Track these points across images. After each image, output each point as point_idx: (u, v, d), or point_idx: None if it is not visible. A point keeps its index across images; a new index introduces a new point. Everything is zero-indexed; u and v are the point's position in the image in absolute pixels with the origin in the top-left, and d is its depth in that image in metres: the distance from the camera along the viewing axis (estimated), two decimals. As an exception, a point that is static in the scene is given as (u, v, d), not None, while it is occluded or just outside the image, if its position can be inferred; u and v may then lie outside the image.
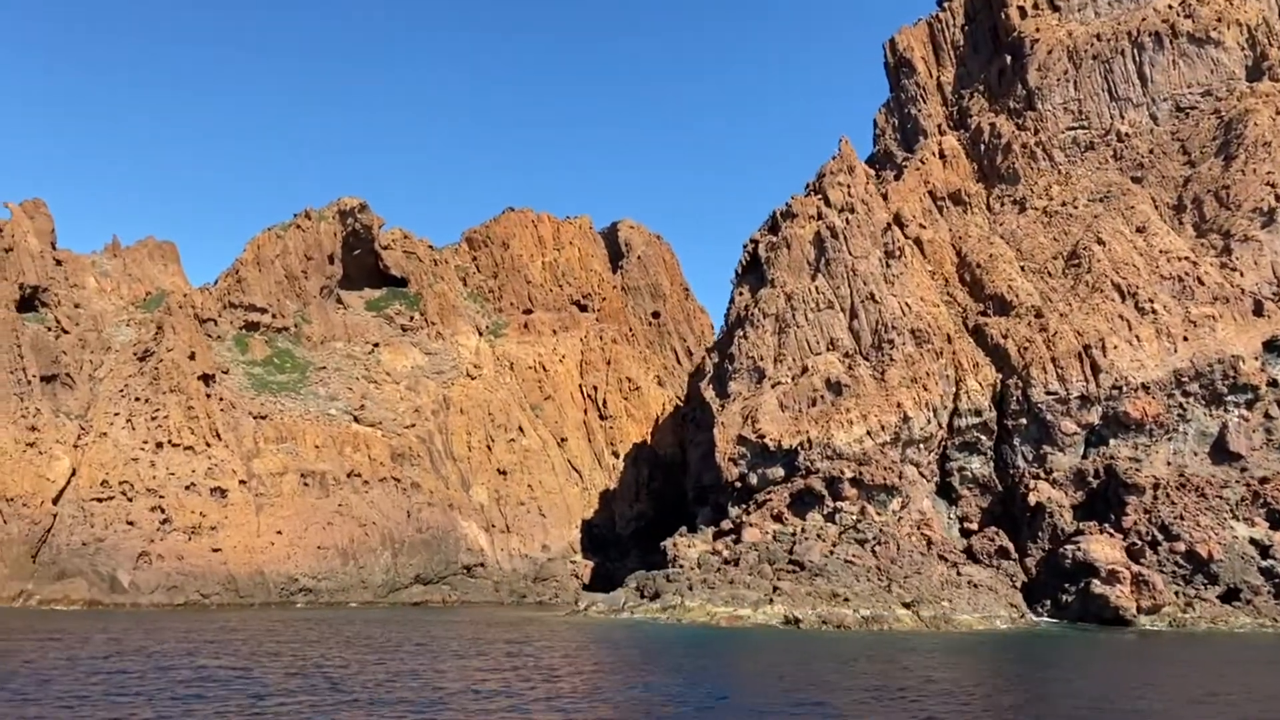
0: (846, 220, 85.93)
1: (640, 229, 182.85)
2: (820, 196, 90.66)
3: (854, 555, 60.38)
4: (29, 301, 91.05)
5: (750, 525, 70.43)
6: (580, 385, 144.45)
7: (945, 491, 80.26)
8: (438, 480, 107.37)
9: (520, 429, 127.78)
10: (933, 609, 54.45)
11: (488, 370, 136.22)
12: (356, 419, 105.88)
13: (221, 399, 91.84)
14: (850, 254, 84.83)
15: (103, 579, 70.86)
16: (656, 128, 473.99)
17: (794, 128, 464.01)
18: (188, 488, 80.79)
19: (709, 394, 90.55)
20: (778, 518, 70.95)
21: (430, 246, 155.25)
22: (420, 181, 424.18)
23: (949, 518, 78.16)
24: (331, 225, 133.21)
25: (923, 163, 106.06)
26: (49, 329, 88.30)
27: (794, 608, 54.40)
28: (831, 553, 61.75)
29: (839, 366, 79.33)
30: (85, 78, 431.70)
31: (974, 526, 78.06)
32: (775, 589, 57.80)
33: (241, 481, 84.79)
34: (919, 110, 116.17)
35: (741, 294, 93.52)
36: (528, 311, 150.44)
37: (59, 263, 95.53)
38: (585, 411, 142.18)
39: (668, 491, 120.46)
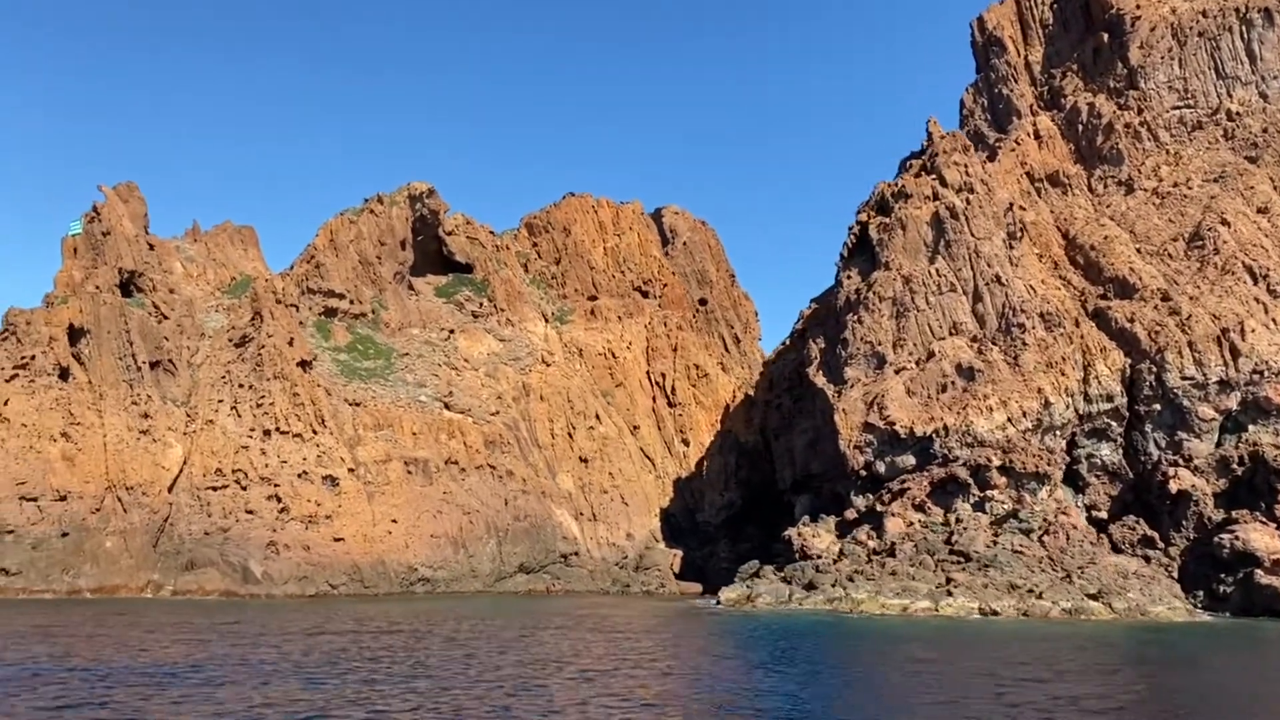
0: (966, 200, 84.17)
1: (685, 215, 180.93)
2: (935, 176, 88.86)
3: (1021, 545, 58.92)
4: (125, 287, 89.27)
5: (892, 515, 69.02)
6: (648, 372, 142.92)
7: (1070, 479, 78.82)
8: (527, 468, 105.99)
9: (597, 417, 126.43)
10: (1123, 600, 53.04)
11: (559, 357, 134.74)
12: (447, 406, 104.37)
13: (318, 385, 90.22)
14: (972, 235, 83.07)
15: (234, 569, 69.40)
16: (684, 113, 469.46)
17: (826, 113, 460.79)
18: (300, 475, 79.27)
19: (819, 380, 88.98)
20: (919, 507, 69.49)
21: (491, 232, 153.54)
22: (459, 167, 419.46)
23: (1076, 505, 76.72)
24: (403, 210, 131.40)
25: (1018, 144, 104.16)
26: (149, 315, 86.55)
27: (977, 600, 52.95)
28: (994, 542, 60.26)
29: (968, 351, 77.71)
30: (139, 58, 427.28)
31: (1103, 515, 76.62)
32: (948, 580, 56.29)
33: (350, 469, 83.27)
34: (1011, 90, 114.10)
35: (850, 277, 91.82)
36: (592, 298, 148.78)
37: (151, 247, 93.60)
38: (654, 399, 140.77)
39: (753, 479, 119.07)
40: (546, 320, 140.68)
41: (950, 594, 54.85)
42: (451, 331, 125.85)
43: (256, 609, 57.93)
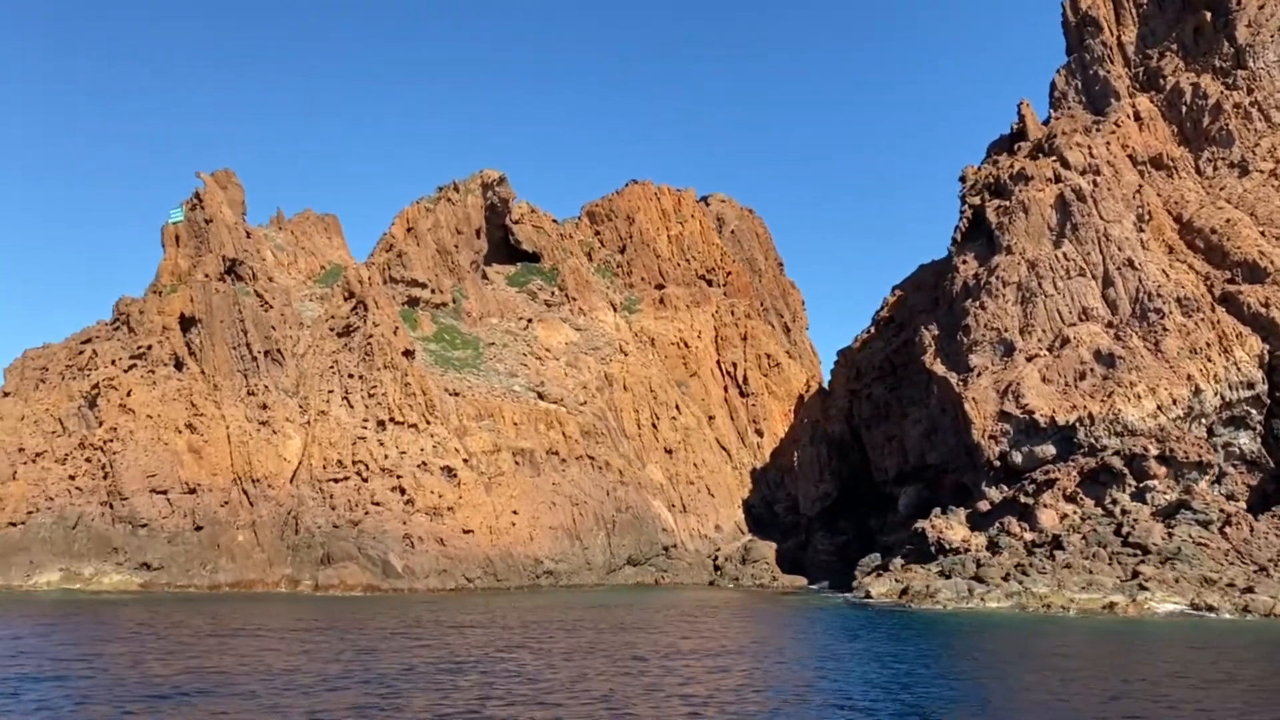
0: (1093, 183, 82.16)
1: (732, 203, 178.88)
2: (1055, 158, 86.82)
3: (1201, 537, 57.22)
4: (227, 276, 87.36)
5: (1044, 506, 67.38)
6: (718, 362, 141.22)
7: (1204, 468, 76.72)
8: (620, 459, 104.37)
9: (676, 407, 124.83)
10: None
11: (632, 347, 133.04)
12: (540, 396, 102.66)
13: (425, 376, 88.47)
14: (1101, 218, 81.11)
15: (374, 563, 67.78)
16: (714, 100, 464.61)
17: (863, 99, 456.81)
18: (420, 466, 77.57)
19: (938, 368, 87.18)
20: (1071, 498, 67.75)
21: (554, 221, 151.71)
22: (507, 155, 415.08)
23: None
24: (477, 199, 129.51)
25: (1118, 126, 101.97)
26: (256, 304, 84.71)
27: (1178, 595, 51.27)
28: (1170, 535, 58.55)
29: (1105, 337, 75.89)
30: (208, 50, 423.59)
31: (1241, 506, 74.74)
32: (1133, 574, 54.63)
33: (464, 460, 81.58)
34: (1107, 71, 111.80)
35: (965, 261, 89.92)
36: (659, 286, 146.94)
37: (246, 235, 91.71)
38: (725, 389, 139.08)
39: (842, 470, 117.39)
40: (615, 309, 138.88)
41: (1144, 588, 53.16)
42: (530, 321, 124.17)
43: (418, 604, 56.34)
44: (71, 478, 68.89)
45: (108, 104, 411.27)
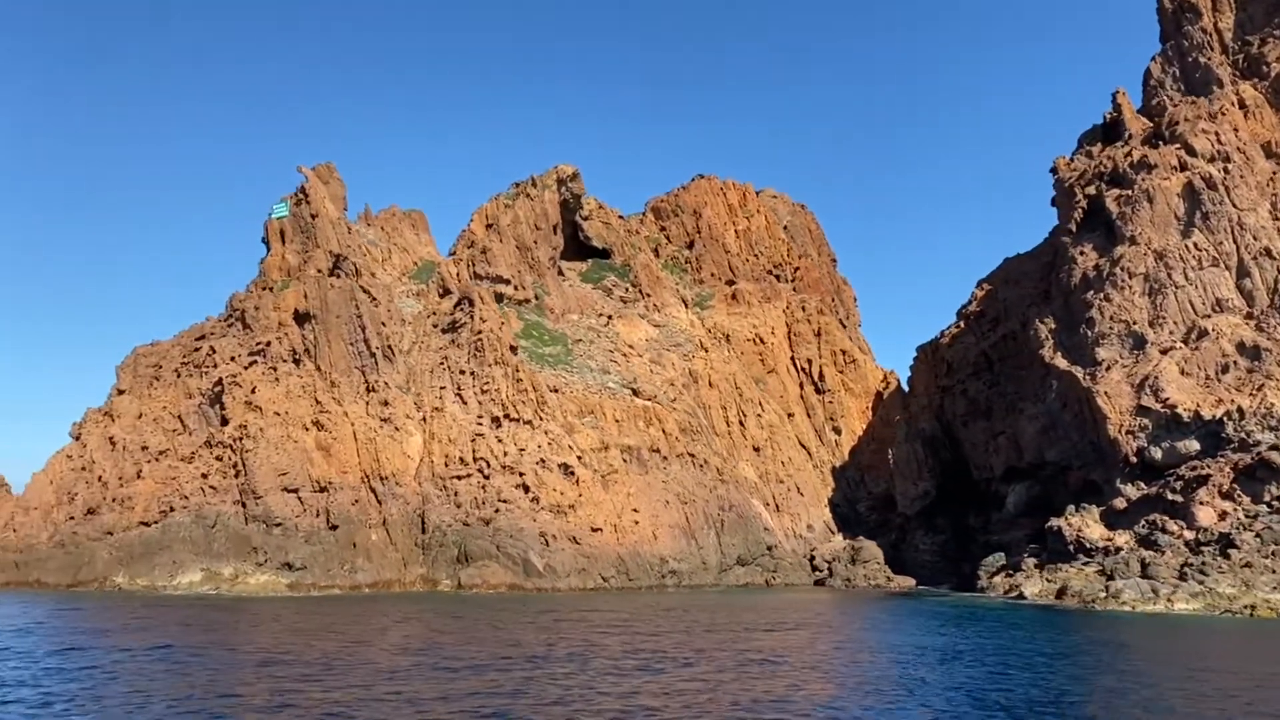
0: (1224, 170, 79.89)
1: (784, 198, 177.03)
2: (1179, 146, 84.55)
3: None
4: (332, 272, 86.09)
5: (1201, 504, 65.21)
6: (792, 358, 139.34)
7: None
8: (714, 456, 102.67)
9: (760, 404, 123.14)
10: None
11: (710, 343, 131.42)
12: (635, 393, 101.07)
13: (531, 372, 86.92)
14: (1234, 206, 78.84)
15: (514, 562, 66.25)
16: (752, 90, 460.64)
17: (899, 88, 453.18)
18: (539, 463, 76.05)
19: (1059, 362, 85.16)
20: (1228, 495, 65.62)
21: (620, 217, 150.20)
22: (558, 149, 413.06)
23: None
24: (554, 194, 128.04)
25: (1222, 114, 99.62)
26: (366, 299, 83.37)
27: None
28: (1350, 531, 56.44)
29: (1247, 329, 73.66)
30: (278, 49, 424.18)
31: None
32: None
33: (577, 457, 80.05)
34: (1208, 58, 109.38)
35: (1084, 252, 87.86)
36: (730, 282, 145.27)
37: (349, 230, 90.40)
38: (801, 386, 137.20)
39: (936, 467, 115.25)
40: (687, 305, 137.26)
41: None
42: (610, 317, 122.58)
43: (580, 603, 54.82)
44: (204, 476, 67.65)
45: (153, 103, 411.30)
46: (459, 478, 73.26)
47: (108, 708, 21.22)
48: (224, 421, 70.65)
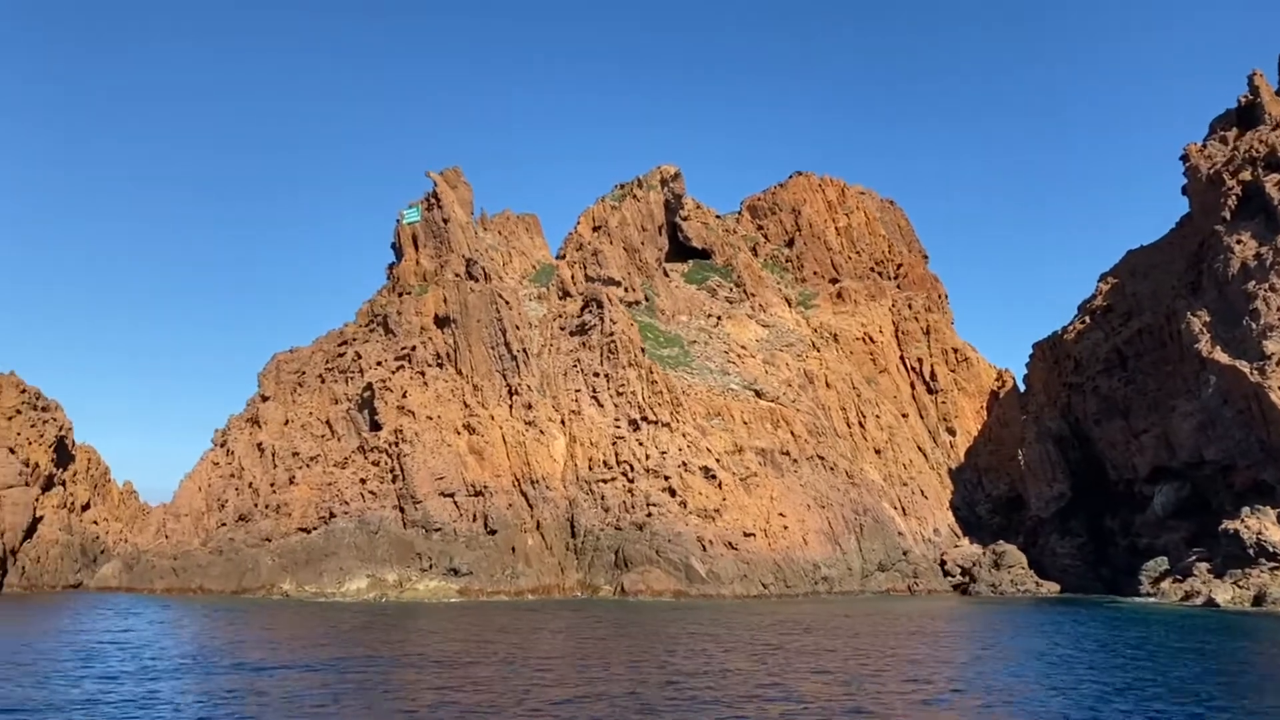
0: (1404, 155, 74.82)
1: (872, 194, 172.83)
2: (1346, 129, 79.54)
3: None
4: (467, 276, 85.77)
5: None
6: (902, 357, 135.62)
7: None
8: (840, 458, 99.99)
9: (876, 405, 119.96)
10: None
11: (819, 343, 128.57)
12: (758, 394, 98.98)
13: (665, 374, 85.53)
14: None
15: (675, 568, 64.74)
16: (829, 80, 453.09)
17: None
18: (681, 466, 74.52)
19: (1220, 356, 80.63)
20: None
21: (716, 216, 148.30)
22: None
23: None
24: (658, 195, 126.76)
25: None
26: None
27: None
28: None
29: None
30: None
31: None
32: None
33: (716, 460, 78.36)
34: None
35: (1241, 241, 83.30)
36: (834, 280, 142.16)
37: (477, 234, 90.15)
38: (912, 386, 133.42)
39: (1065, 468, 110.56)
40: (790, 305, 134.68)
41: None
42: (719, 318, 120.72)
43: (764, 611, 52.99)
44: (362, 481, 67.58)
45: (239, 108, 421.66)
46: (604, 481, 72.04)
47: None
48: (374, 426, 70.54)
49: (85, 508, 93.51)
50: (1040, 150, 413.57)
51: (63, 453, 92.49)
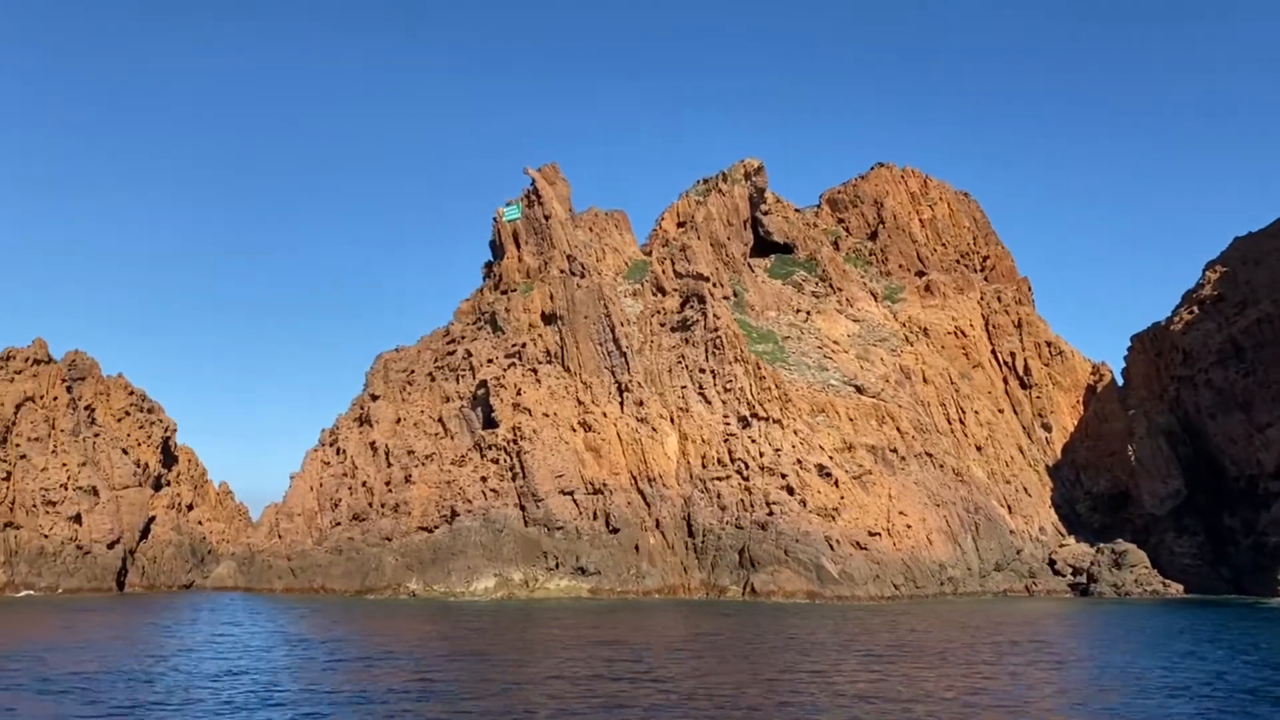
0: None
1: (945, 187, 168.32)
2: None
3: None
4: (571, 273, 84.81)
5: None
6: (993, 351, 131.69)
7: None
8: (945, 455, 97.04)
9: (974, 400, 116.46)
10: None
11: (912, 338, 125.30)
12: (859, 390, 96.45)
13: (773, 370, 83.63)
14: None
15: (806, 568, 62.85)
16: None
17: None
18: (797, 464, 72.55)
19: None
20: None
21: (796, 210, 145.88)
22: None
23: None
24: (743, 189, 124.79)
25: None
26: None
27: None
28: None
29: None
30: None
31: None
32: None
33: (829, 457, 76.23)
34: None
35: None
36: (920, 273, 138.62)
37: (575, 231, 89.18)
38: (1005, 381, 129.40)
39: (1178, 464, 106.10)
40: (876, 299, 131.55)
41: None
42: (808, 313, 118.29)
43: (903, 612, 50.82)
44: (483, 479, 66.85)
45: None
46: (719, 479, 70.37)
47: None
48: (488, 424, 69.78)
49: (189, 508, 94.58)
50: (1120, 142, 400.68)
51: (167, 454, 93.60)
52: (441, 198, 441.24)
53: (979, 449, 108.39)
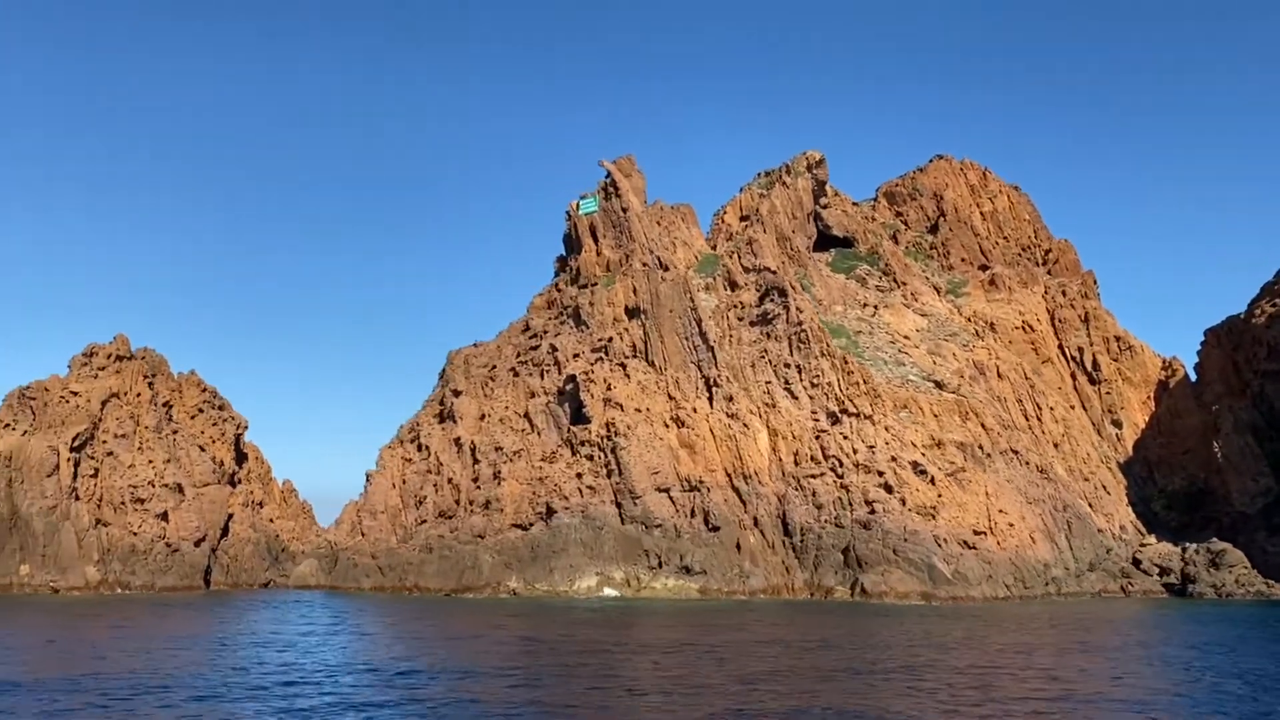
0: None
1: (1000, 180, 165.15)
2: None
3: None
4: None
5: None
6: (1060, 346, 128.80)
7: None
8: (1030, 452, 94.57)
9: (1048, 396, 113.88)
10: None
11: (982, 332, 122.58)
12: (939, 385, 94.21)
13: (861, 364, 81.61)
14: None
15: (917, 569, 60.93)
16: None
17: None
18: (892, 461, 70.60)
19: None
20: None
21: (854, 203, 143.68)
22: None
23: None
24: (806, 181, 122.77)
25: None
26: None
27: None
28: None
29: None
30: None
31: None
32: None
33: (921, 454, 74.21)
34: None
35: None
36: (983, 267, 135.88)
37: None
38: (1073, 376, 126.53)
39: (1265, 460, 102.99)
40: (940, 293, 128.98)
41: None
42: (875, 308, 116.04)
43: (1033, 614, 48.75)
44: (579, 476, 65.48)
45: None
46: (812, 476, 68.56)
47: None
48: (576, 419, 68.33)
49: (258, 505, 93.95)
50: (1177, 135, 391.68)
51: (238, 452, 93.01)
52: (456, 199, 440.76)
53: (1055, 446, 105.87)
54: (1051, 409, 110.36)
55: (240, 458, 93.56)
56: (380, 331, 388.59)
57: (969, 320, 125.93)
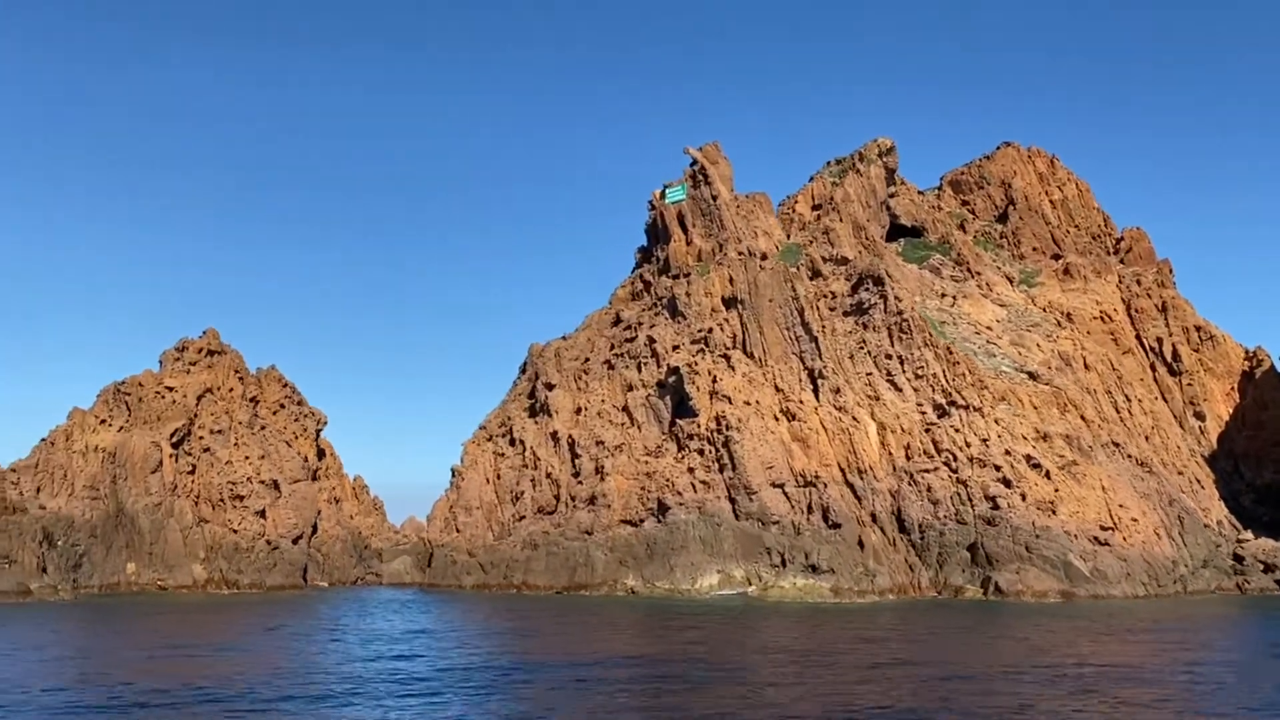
0: None
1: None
2: None
3: None
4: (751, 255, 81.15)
5: None
6: (1138, 336, 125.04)
7: None
8: (1130, 444, 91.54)
9: (1134, 387, 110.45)
10: None
11: (1062, 322, 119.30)
12: (1032, 376, 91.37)
13: (967, 355, 79.18)
14: None
15: (1052, 566, 58.50)
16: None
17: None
18: (1005, 454, 68.11)
19: None
20: None
21: (920, 192, 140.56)
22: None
23: None
24: (879, 169, 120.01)
25: None
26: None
27: None
28: None
29: None
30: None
31: None
32: None
33: (1033, 447, 71.62)
34: None
35: None
36: (1056, 256, 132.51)
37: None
38: (1153, 367, 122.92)
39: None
40: (1012, 283, 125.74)
41: None
42: (954, 298, 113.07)
43: (1209, 613, 46.17)
44: (690, 470, 63.58)
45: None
46: (926, 471, 66.22)
47: None
48: (679, 412, 66.37)
49: (337, 502, 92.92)
50: (1244, 118, 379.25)
51: (317, 447, 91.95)
52: (497, 200, 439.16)
53: (1146, 439, 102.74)
54: (1139, 400, 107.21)
55: (319, 454, 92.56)
56: (412, 330, 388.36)
57: (1045, 310, 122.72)
